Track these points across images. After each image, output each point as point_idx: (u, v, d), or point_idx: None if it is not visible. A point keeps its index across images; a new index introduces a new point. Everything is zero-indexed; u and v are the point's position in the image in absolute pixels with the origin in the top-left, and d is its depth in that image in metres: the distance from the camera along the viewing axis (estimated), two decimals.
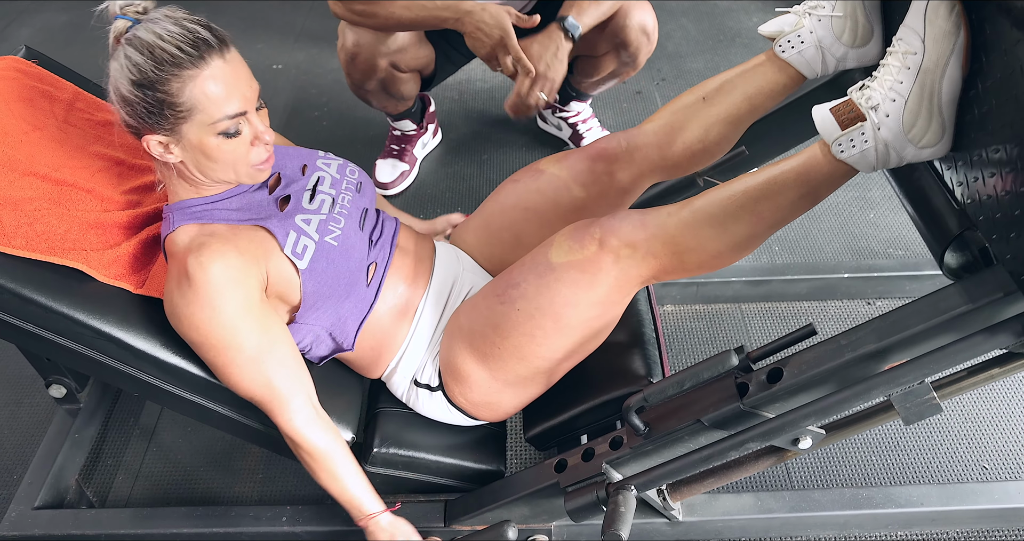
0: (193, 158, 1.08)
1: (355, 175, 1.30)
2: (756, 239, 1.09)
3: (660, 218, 1.10)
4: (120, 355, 1.12)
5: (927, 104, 0.93)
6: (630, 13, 1.78)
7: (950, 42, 0.89)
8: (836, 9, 1.12)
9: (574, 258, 1.12)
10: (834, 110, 1.00)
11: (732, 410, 1.06)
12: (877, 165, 0.99)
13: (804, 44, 1.15)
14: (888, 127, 0.95)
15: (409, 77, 1.90)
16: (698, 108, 1.25)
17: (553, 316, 1.13)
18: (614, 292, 1.13)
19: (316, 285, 1.15)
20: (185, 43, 1.00)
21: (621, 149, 1.31)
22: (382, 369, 1.29)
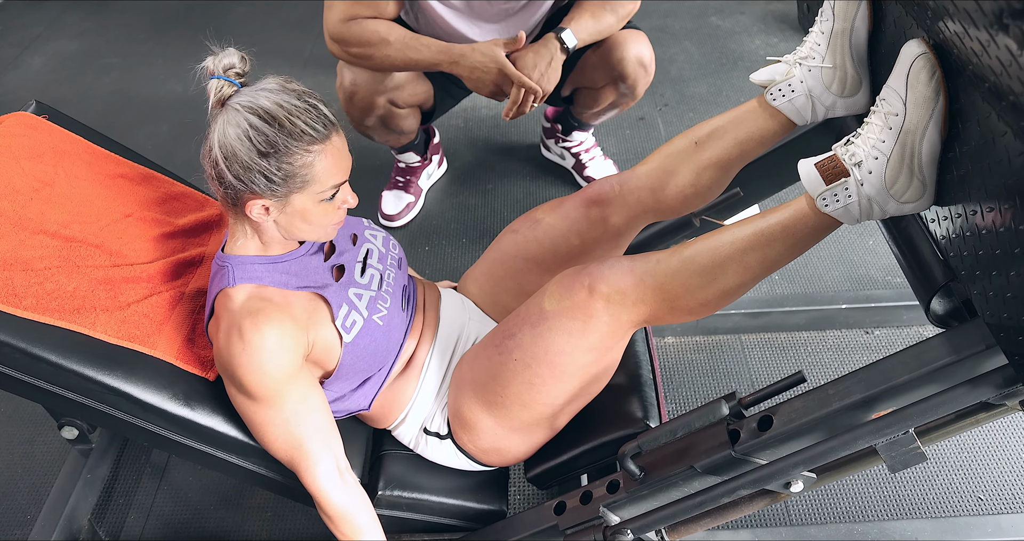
0: (288, 221, 1.13)
1: (396, 250, 1.36)
2: (744, 287, 1.11)
3: (649, 265, 1.12)
4: (129, 409, 1.15)
5: (907, 163, 0.95)
6: (627, 46, 1.81)
7: (930, 107, 0.91)
8: (826, 60, 1.15)
9: (565, 306, 1.14)
10: (819, 165, 1.02)
11: (724, 457, 1.08)
12: (861, 218, 1.02)
13: (795, 93, 1.18)
14: (871, 183, 0.98)
15: (408, 112, 1.94)
16: (690, 152, 1.27)
17: (549, 364, 1.16)
18: (607, 338, 1.15)
19: (354, 359, 1.19)
20: (313, 120, 1.06)
21: (614, 193, 1.34)
22: (390, 422, 1.33)
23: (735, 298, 1.13)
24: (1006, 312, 0.85)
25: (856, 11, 1.10)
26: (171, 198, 1.40)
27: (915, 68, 0.91)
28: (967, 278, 0.94)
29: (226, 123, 1.06)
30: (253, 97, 1.06)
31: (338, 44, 1.67)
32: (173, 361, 1.18)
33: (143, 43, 3.27)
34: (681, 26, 2.99)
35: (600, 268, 1.14)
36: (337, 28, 1.65)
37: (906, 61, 0.93)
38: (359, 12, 1.64)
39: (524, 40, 1.64)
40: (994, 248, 0.85)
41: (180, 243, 1.33)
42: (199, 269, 1.32)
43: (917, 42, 0.93)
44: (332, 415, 1.19)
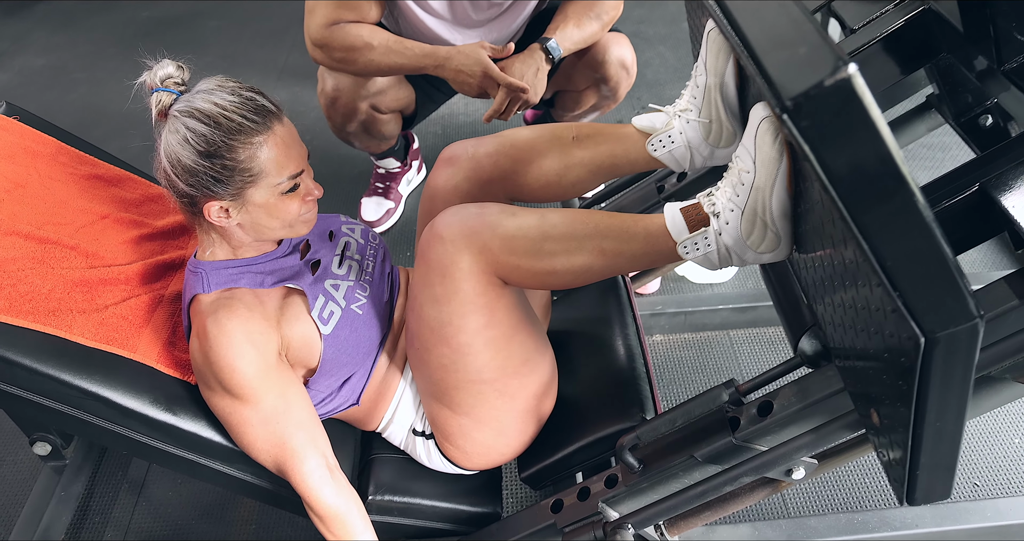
0: (252, 220, 1.10)
1: (376, 240, 1.33)
2: (588, 273, 1.07)
3: (503, 216, 1.07)
4: (108, 415, 1.11)
5: (760, 217, 0.96)
6: (609, 48, 1.80)
7: (775, 167, 0.92)
8: (702, 115, 1.15)
9: (421, 273, 1.10)
10: (684, 210, 1.03)
11: (725, 445, 1.06)
12: (720, 265, 1.03)
13: (675, 143, 1.18)
14: (728, 233, 0.99)
15: (390, 118, 1.91)
16: (566, 144, 1.26)
17: (442, 341, 1.11)
18: (475, 295, 1.07)
19: (336, 352, 1.16)
20: (249, 111, 1.04)
21: (467, 153, 1.30)
22: (378, 421, 1.29)
23: (577, 281, 1.09)
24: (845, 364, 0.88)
25: (726, 66, 1.10)
26: (149, 200, 1.37)
27: (761, 130, 0.92)
28: (824, 326, 0.96)
29: (168, 132, 1.05)
30: (189, 101, 1.05)
31: (321, 49, 1.65)
32: (154, 364, 1.14)
33: (112, 58, 3.23)
34: (655, 32, 3.01)
35: (445, 214, 1.09)
36: (320, 33, 1.62)
37: (754, 122, 0.94)
38: (342, 16, 1.62)
39: (512, 51, 1.63)
40: (838, 300, 0.86)
41: (159, 245, 1.30)
42: (179, 272, 1.28)
43: (763, 105, 0.94)
44: (315, 411, 1.16)
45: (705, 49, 1.13)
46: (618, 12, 1.77)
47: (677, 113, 1.19)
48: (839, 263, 0.81)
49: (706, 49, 1.13)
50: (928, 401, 0.70)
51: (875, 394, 0.82)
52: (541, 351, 1.22)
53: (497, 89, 1.59)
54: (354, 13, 1.62)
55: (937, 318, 0.63)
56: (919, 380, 0.68)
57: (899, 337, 0.69)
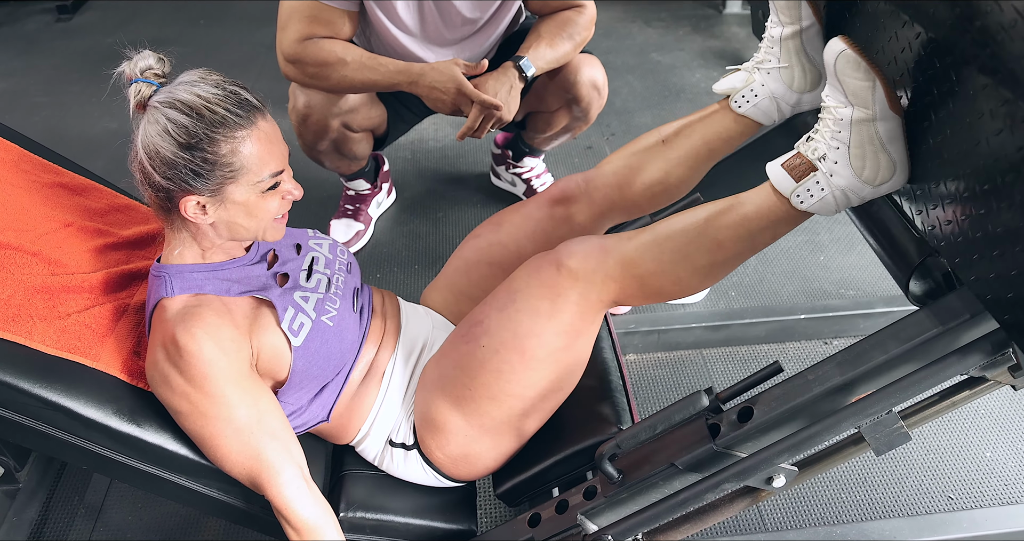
0: (229, 218, 1.07)
1: (345, 255, 1.31)
2: (716, 268, 1.09)
3: (620, 241, 1.10)
4: (69, 426, 1.06)
5: (871, 147, 0.96)
6: (581, 69, 1.81)
7: (868, 93, 0.93)
8: (782, 60, 1.16)
9: (532, 285, 1.10)
10: (786, 165, 1.03)
11: (705, 451, 1.05)
12: (839, 208, 1.02)
13: (758, 97, 1.19)
14: (840, 173, 0.98)
15: (361, 137, 1.90)
16: (658, 150, 1.27)
17: (518, 349, 1.11)
18: (577, 319, 1.11)
19: (306, 364, 1.13)
20: (233, 105, 1.02)
21: (580, 190, 1.32)
22: (352, 435, 1.26)
23: (706, 282, 1.11)
24: (992, 272, 0.84)
25: (800, 11, 1.12)
26: (115, 210, 1.33)
27: (840, 65, 0.93)
28: (948, 248, 0.93)
29: (147, 123, 1.03)
30: (171, 92, 1.03)
31: (293, 65, 1.64)
32: (117, 374, 1.10)
33: (75, 82, 3.19)
34: (623, 62, 3.06)
35: (568, 244, 1.11)
36: (293, 48, 1.62)
37: (830, 61, 0.95)
38: (315, 32, 1.62)
39: (486, 67, 1.64)
40: (977, 209, 0.85)
41: (124, 255, 1.26)
42: (145, 282, 1.24)
43: (836, 41, 0.95)
44: (288, 422, 1.12)
45: (774, 5, 1.15)
46: (590, 33, 1.79)
47: (755, 67, 1.19)
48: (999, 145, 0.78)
49: (774, 5, 1.14)
50: None
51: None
52: (576, 382, 1.23)
53: (471, 106, 1.59)
54: (327, 29, 1.61)
55: None
56: None
57: None
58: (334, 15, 1.61)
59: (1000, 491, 1.53)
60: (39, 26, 3.69)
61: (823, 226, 2.17)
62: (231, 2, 3.77)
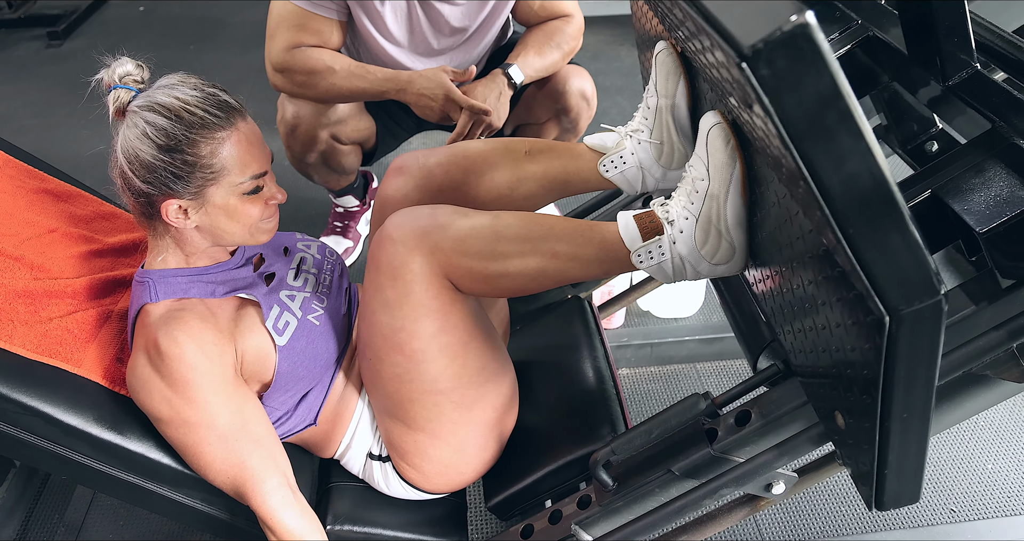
0: (211, 222, 1.05)
1: (334, 257, 1.29)
2: (541, 277, 1.05)
3: (456, 216, 1.04)
4: (48, 433, 1.03)
5: (715, 226, 0.96)
6: (569, 79, 1.82)
7: (728, 172, 0.93)
8: (653, 136, 1.16)
9: (372, 277, 1.06)
10: (637, 218, 1.03)
11: (703, 457, 1.02)
12: (674, 277, 1.02)
13: (626, 165, 1.18)
14: (683, 242, 0.98)
15: (350, 150, 1.89)
16: (519, 157, 1.25)
17: (395, 348, 1.06)
18: (429, 298, 1.03)
19: (291, 365, 1.10)
20: (212, 106, 1.01)
21: (417, 162, 1.27)
22: (336, 445, 1.23)
23: (529, 286, 1.06)
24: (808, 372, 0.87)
25: (676, 88, 1.12)
26: (100, 217, 1.31)
27: (711, 136, 0.93)
28: (783, 337, 0.96)
29: (126, 128, 1.02)
30: (149, 96, 1.02)
31: (282, 74, 1.64)
32: (99, 380, 1.07)
33: (64, 106, 3.18)
34: (612, 83, 3.07)
35: (394, 216, 1.06)
36: (281, 57, 1.61)
37: (704, 129, 0.95)
38: (303, 40, 1.61)
39: (474, 74, 1.64)
40: (797, 305, 0.86)
41: (109, 262, 1.24)
42: (129, 289, 1.22)
43: (713, 113, 0.96)
44: (273, 429, 1.09)
45: (655, 72, 1.15)
46: (578, 43, 1.80)
47: (628, 134, 1.19)
48: (799, 259, 0.80)
49: (655, 72, 1.14)
50: (895, 388, 0.68)
51: (839, 397, 0.80)
52: (500, 361, 1.18)
53: (460, 113, 1.59)
54: (316, 37, 1.61)
55: (901, 295, 0.61)
56: (885, 365, 0.66)
57: (862, 323, 0.68)
58: (322, 24, 1.61)
59: (1003, 503, 1.50)
60: (29, 52, 3.70)
61: None
62: (220, 27, 3.79)
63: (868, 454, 0.77)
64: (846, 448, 0.86)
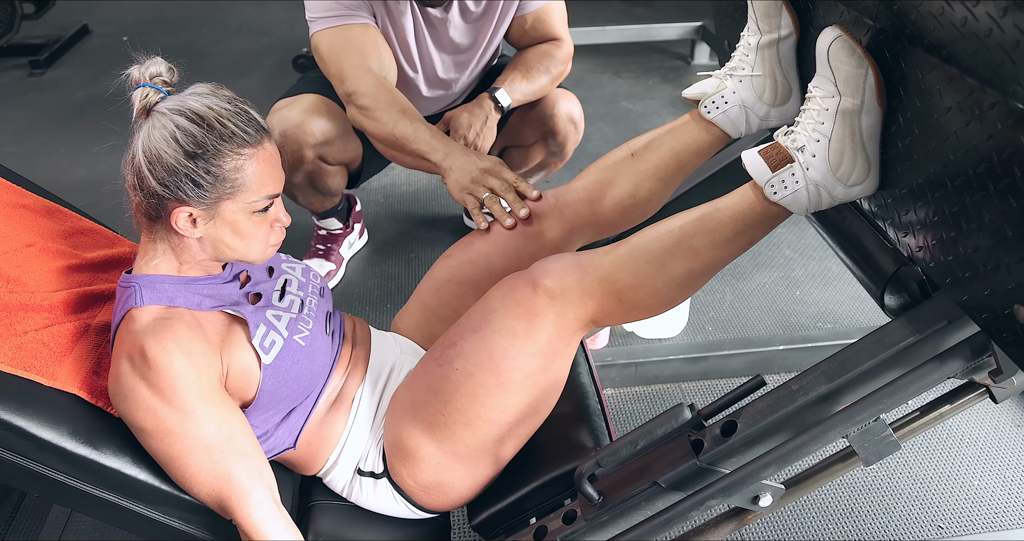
0: (216, 235, 1.05)
1: (317, 280, 1.29)
2: (693, 278, 1.07)
3: (595, 257, 1.08)
4: (20, 447, 1.00)
5: (850, 142, 0.96)
6: (557, 102, 1.84)
7: (860, 81, 0.93)
8: (755, 69, 1.16)
9: (508, 304, 1.07)
10: (763, 152, 1.02)
11: (689, 468, 1.01)
12: (810, 206, 1.01)
13: (728, 104, 1.18)
14: (816, 167, 0.98)
15: (336, 170, 1.89)
16: (627, 164, 1.26)
17: (493, 371, 1.07)
18: (554, 340, 1.08)
19: (275, 384, 1.09)
20: (243, 122, 1.02)
21: (549, 206, 1.29)
22: (320, 465, 1.20)
23: (685, 292, 1.09)
24: (968, 272, 0.83)
25: (780, 21, 1.13)
26: (78, 232, 1.29)
27: (834, 50, 0.93)
28: (921, 254, 0.93)
29: (152, 127, 1.01)
30: (181, 100, 1.02)
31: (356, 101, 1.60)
32: (76, 392, 1.05)
33: (45, 133, 3.18)
34: (595, 110, 3.11)
35: (543, 263, 1.09)
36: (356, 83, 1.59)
37: (824, 47, 0.95)
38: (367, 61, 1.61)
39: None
40: (949, 209, 0.85)
41: (87, 277, 1.22)
42: (107, 304, 1.20)
43: (831, 28, 0.95)
44: (258, 442, 1.07)
45: (753, 11, 1.14)
46: (567, 68, 1.82)
47: (728, 73, 1.18)
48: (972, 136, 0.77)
49: (754, 11, 1.14)
50: None
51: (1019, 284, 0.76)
52: (552, 407, 1.19)
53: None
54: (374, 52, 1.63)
55: None
56: None
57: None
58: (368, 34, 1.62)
59: (990, 518, 1.50)
60: (11, 80, 3.69)
61: (798, 262, 2.18)
62: (205, 57, 3.81)
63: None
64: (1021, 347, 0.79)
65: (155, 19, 4.43)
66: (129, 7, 4.65)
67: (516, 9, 1.77)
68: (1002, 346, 0.85)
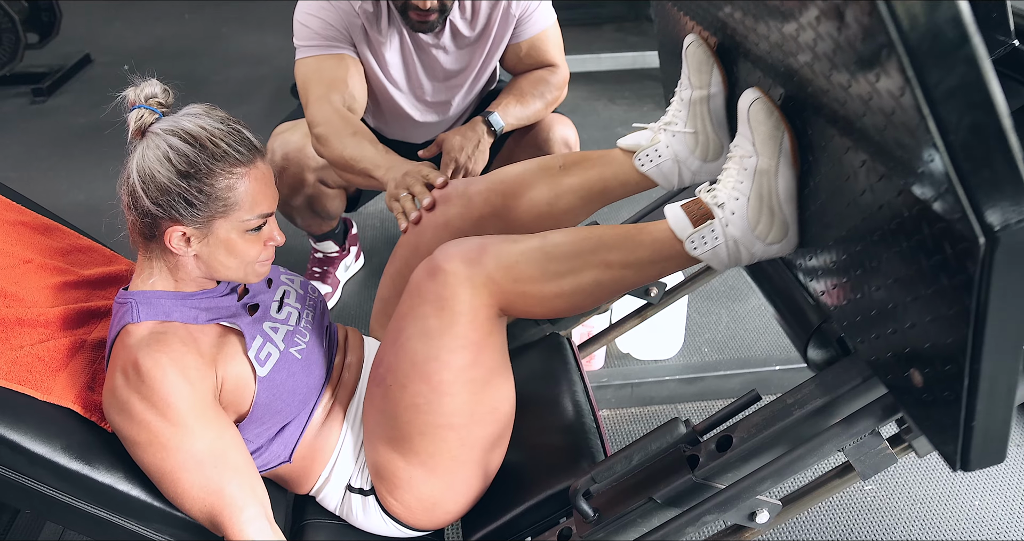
0: (210, 253, 1.06)
1: (315, 293, 1.29)
2: (600, 289, 1.06)
3: (504, 244, 1.05)
4: (12, 461, 0.99)
5: (767, 202, 0.97)
6: (553, 127, 1.85)
7: (776, 143, 0.94)
8: (687, 125, 1.17)
9: (414, 304, 1.05)
10: (685, 207, 1.04)
11: (685, 483, 1.01)
12: (729, 262, 1.02)
13: (661, 158, 1.18)
14: (735, 224, 0.99)
15: (336, 194, 1.90)
16: (554, 173, 1.25)
17: (422, 377, 1.05)
18: (470, 331, 1.04)
19: (270, 397, 1.09)
20: (236, 142, 1.03)
21: (457, 191, 1.27)
22: (313, 480, 1.20)
23: (587, 302, 1.07)
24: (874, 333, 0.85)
25: (710, 77, 1.14)
26: (76, 250, 1.30)
27: (753, 111, 0.95)
28: (836, 312, 0.95)
29: (146, 148, 1.03)
30: (175, 121, 1.04)
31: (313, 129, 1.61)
32: (70, 406, 1.05)
33: (45, 159, 3.20)
34: (590, 136, 3.10)
35: (445, 247, 1.07)
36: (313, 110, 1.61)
37: (744, 108, 0.97)
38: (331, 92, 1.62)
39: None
40: (857, 273, 0.86)
41: (84, 293, 1.22)
42: (103, 320, 1.20)
43: (752, 90, 0.97)
44: (251, 458, 1.06)
45: (686, 67, 1.15)
46: (562, 93, 1.84)
47: (662, 127, 1.19)
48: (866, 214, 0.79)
49: (687, 66, 1.15)
50: (987, 321, 0.64)
51: (914, 349, 0.77)
52: (510, 400, 1.17)
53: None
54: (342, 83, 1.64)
55: (997, 214, 0.59)
56: (976, 297, 0.63)
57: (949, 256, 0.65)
58: (341, 65, 1.65)
59: (991, 539, 1.49)
60: (14, 108, 3.73)
61: None
62: (204, 85, 3.86)
63: (952, 408, 0.72)
64: (921, 409, 0.80)
65: (156, 48, 4.49)
66: (131, 37, 4.72)
67: (511, 36, 1.79)
68: (903, 407, 0.87)
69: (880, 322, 0.82)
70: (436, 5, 1.58)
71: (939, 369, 0.73)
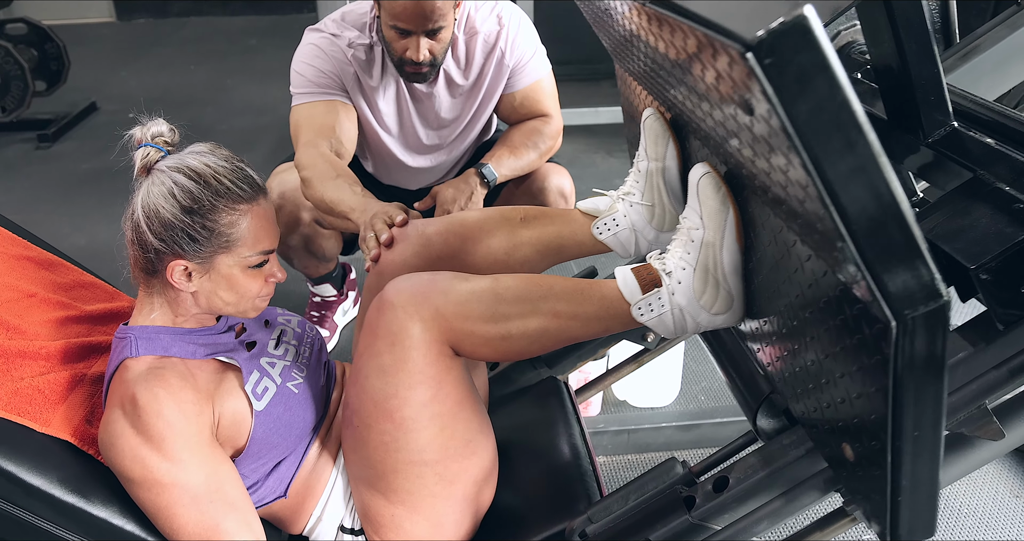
0: (211, 289, 1.07)
1: (313, 331, 1.31)
2: (546, 337, 1.06)
3: (455, 281, 1.05)
4: (9, 492, 0.99)
5: (712, 274, 0.99)
6: (548, 177, 1.87)
7: (722, 218, 0.97)
8: (644, 197, 1.20)
9: (368, 343, 1.05)
10: (635, 271, 1.06)
11: (681, 524, 1.01)
12: (675, 330, 1.03)
13: (619, 227, 1.21)
14: (681, 293, 1.01)
15: (331, 234, 1.93)
16: (514, 224, 1.26)
17: (385, 415, 1.04)
18: (426, 367, 1.03)
19: (267, 432, 1.09)
20: (239, 179, 1.06)
21: (416, 231, 1.26)
22: (306, 518, 1.19)
23: (533, 348, 1.08)
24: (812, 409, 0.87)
25: (665, 150, 1.17)
26: (79, 286, 1.32)
27: (702, 185, 0.98)
28: (779, 384, 0.97)
29: (151, 184, 1.05)
30: (180, 158, 1.06)
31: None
32: (68, 439, 1.05)
33: (48, 202, 3.23)
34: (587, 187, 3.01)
35: (395, 281, 1.07)
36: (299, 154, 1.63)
37: (694, 181, 0.99)
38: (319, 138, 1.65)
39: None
40: (795, 348, 0.88)
41: (86, 328, 1.24)
42: (104, 355, 1.21)
43: (702, 164, 1.00)
44: (247, 493, 1.06)
45: (644, 138, 1.19)
46: (556, 143, 1.87)
47: (620, 197, 1.22)
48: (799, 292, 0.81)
49: (644, 138, 1.19)
50: (904, 401, 0.66)
51: (845, 423, 0.79)
52: (485, 433, 1.16)
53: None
54: (330, 130, 1.67)
55: (906, 300, 0.61)
56: (893, 377, 0.65)
57: (867, 338, 0.68)
58: (333, 112, 1.68)
59: None
60: (19, 153, 3.78)
61: None
62: (209, 135, 3.87)
63: (879, 482, 0.74)
64: (855, 483, 0.83)
65: (162, 98, 4.57)
66: (137, 86, 4.81)
67: (505, 86, 1.83)
68: (840, 480, 0.89)
69: (816, 395, 0.85)
70: (429, 59, 1.63)
71: (867, 445, 0.75)
